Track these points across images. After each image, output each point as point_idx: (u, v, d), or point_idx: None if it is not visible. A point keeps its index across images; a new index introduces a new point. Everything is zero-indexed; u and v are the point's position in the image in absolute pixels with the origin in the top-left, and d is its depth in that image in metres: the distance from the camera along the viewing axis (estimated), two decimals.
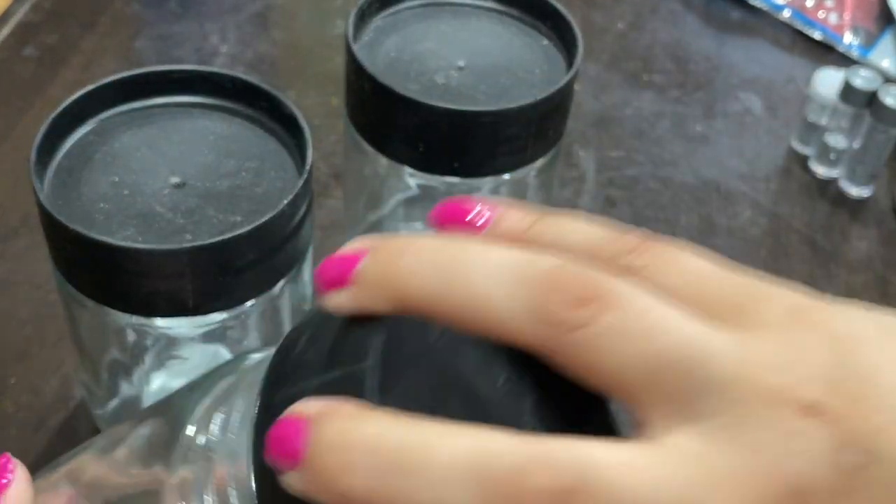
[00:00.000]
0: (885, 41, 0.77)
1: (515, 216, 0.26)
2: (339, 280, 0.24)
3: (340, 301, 0.24)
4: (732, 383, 0.22)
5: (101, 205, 0.40)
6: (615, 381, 0.22)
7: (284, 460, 0.22)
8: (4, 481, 0.28)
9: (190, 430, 0.27)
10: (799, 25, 0.80)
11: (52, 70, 0.71)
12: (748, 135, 0.72)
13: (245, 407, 0.26)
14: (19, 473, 0.29)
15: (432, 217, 0.26)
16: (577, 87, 0.75)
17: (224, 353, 0.52)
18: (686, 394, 0.22)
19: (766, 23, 0.82)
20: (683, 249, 0.25)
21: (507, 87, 0.48)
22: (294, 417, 0.22)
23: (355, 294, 0.24)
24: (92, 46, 0.74)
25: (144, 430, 0.30)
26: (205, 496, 0.26)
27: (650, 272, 0.24)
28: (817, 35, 0.79)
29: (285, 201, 0.40)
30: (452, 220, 0.26)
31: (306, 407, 0.23)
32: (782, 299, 0.24)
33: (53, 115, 0.42)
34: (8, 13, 0.76)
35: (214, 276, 0.40)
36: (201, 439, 0.27)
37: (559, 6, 0.51)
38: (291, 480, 0.22)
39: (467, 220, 0.25)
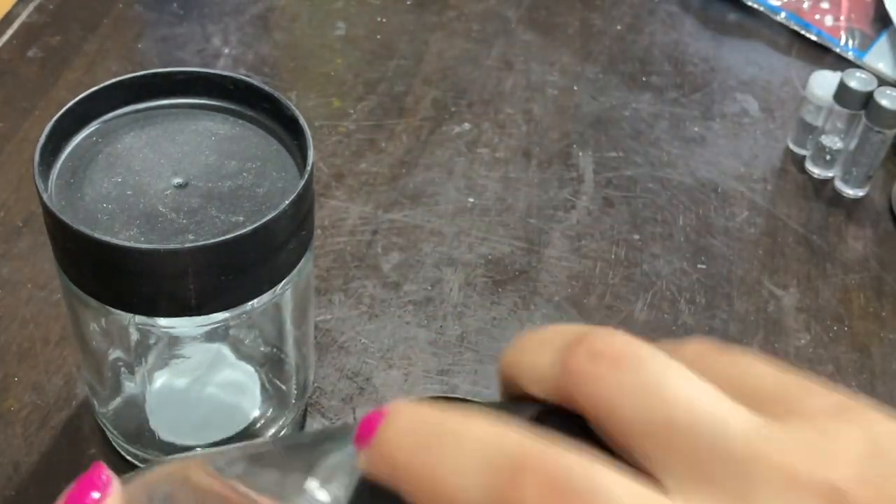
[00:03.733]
0: (881, 43, 0.78)
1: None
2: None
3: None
4: (753, 459, 0.21)
5: (105, 205, 0.41)
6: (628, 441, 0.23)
7: (361, 443, 0.25)
8: (98, 496, 0.28)
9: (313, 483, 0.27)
10: (795, 27, 0.81)
11: (55, 71, 0.72)
12: (745, 136, 0.73)
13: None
14: (115, 487, 0.28)
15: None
16: (575, 88, 0.76)
17: (226, 353, 0.53)
18: (702, 460, 0.22)
19: (763, 25, 0.82)
20: (740, 352, 0.25)
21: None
22: (376, 412, 0.25)
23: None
24: (95, 48, 0.74)
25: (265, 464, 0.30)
26: None
27: (697, 364, 0.24)
28: (813, 37, 0.80)
29: (287, 201, 0.40)
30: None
31: (389, 406, 0.25)
32: (828, 397, 0.23)
33: (57, 116, 0.42)
34: (11, 15, 0.76)
35: (217, 276, 0.40)
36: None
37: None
38: (362, 459, 0.25)
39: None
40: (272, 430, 0.51)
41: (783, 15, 0.81)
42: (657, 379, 0.23)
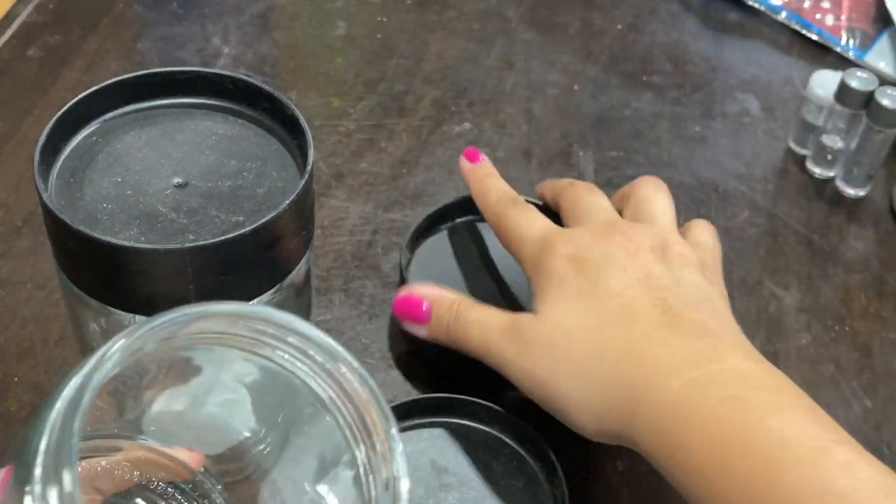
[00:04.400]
0: (882, 43, 0.78)
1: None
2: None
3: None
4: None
5: (105, 205, 0.41)
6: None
7: (413, 320, 0.51)
8: None
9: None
10: (796, 27, 0.81)
11: (55, 71, 0.72)
12: (746, 135, 0.73)
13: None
14: None
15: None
16: (576, 87, 0.76)
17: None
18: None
19: (764, 24, 0.82)
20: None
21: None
22: (416, 298, 0.51)
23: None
24: (95, 47, 0.74)
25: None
26: None
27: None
28: (814, 36, 0.80)
29: (287, 201, 0.40)
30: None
31: (421, 291, 0.52)
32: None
33: (57, 115, 0.42)
34: (11, 14, 0.76)
35: (217, 276, 0.40)
36: None
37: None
38: (418, 332, 0.51)
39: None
40: None
41: (784, 14, 0.81)
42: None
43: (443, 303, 0.50)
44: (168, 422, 0.52)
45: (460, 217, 0.61)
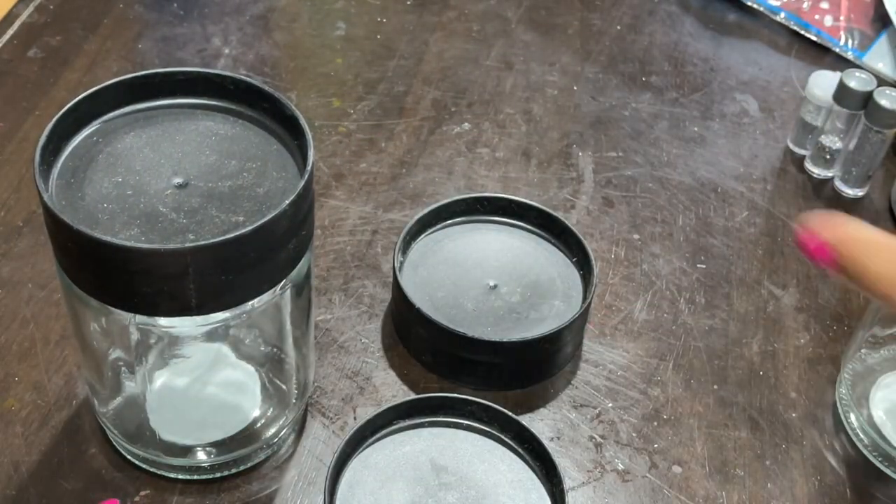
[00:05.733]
0: (880, 43, 0.78)
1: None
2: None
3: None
4: None
5: (105, 205, 0.41)
6: None
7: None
8: None
9: None
10: (795, 27, 0.81)
11: (55, 71, 0.72)
12: (745, 136, 0.73)
13: None
14: None
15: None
16: (575, 88, 0.76)
17: (226, 352, 0.53)
18: None
19: (763, 25, 0.82)
20: None
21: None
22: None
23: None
24: (95, 48, 0.74)
25: None
26: None
27: None
28: (813, 37, 0.80)
29: (287, 201, 0.40)
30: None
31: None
32: None
33: (57, 116, 0.42)
34: (12, 15, 0.76)
35: (217, 276, 0.40)
36: None
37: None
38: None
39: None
40: (273, 430, 0.51)
41: (783, 15, 0.81)
42: None
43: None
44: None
45: (452, 218, 0.61)
